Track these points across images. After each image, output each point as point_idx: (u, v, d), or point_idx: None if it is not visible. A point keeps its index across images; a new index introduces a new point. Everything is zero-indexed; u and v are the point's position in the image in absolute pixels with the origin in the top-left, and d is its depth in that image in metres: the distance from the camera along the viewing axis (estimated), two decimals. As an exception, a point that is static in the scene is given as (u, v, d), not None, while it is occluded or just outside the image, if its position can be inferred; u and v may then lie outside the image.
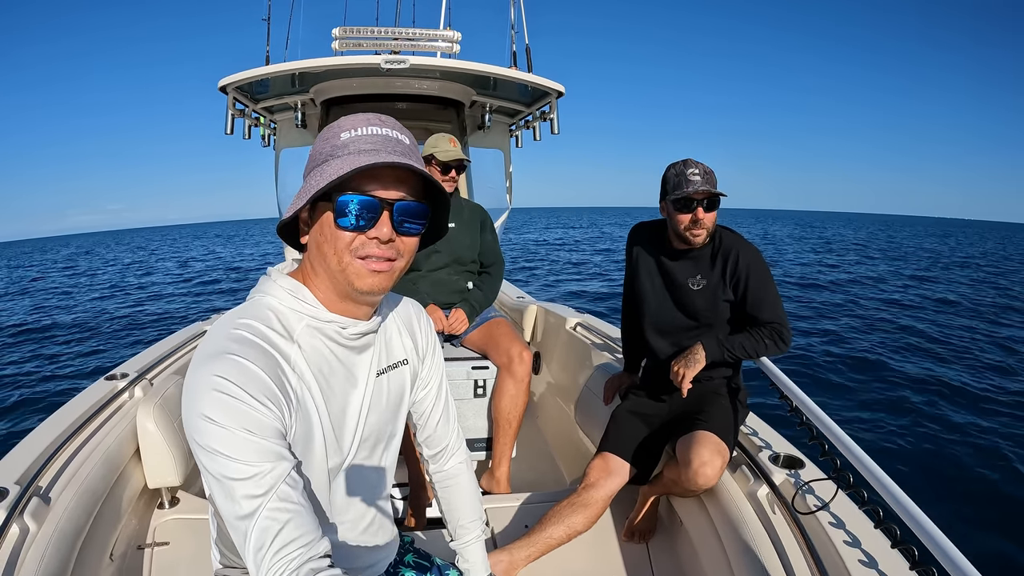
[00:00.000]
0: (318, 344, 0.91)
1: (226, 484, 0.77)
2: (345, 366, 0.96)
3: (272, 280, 0.92)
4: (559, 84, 3.04)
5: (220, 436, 0.76)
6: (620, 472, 1.92)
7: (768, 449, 1.81)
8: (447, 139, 2.46)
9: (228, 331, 0.84)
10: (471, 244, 2.62)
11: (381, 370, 1.02)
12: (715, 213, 1.86)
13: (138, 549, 1.80)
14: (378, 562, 1.12)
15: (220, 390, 0.77)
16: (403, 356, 1.08)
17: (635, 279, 2.10)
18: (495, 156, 4.04)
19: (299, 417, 0.87)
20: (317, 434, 0.91)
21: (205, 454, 0.78)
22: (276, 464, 0.79)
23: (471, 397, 2.40)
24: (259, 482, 0.77)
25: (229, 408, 0.77)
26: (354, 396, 0.97)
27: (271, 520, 0.77)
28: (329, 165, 0.84)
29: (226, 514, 0.78)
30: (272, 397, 0.81)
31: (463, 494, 1.24)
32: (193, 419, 0.78)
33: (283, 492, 0.78)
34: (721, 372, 2.00)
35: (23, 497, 1.43)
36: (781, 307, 1.92)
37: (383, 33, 2.78)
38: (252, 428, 0.78)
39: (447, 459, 1.23)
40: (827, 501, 1.49)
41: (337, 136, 0.86)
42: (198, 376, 0.79)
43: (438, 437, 1.21)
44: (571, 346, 3.14)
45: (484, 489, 2.38)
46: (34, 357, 8.61)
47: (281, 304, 0.90)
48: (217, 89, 2.93)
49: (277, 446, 0.80)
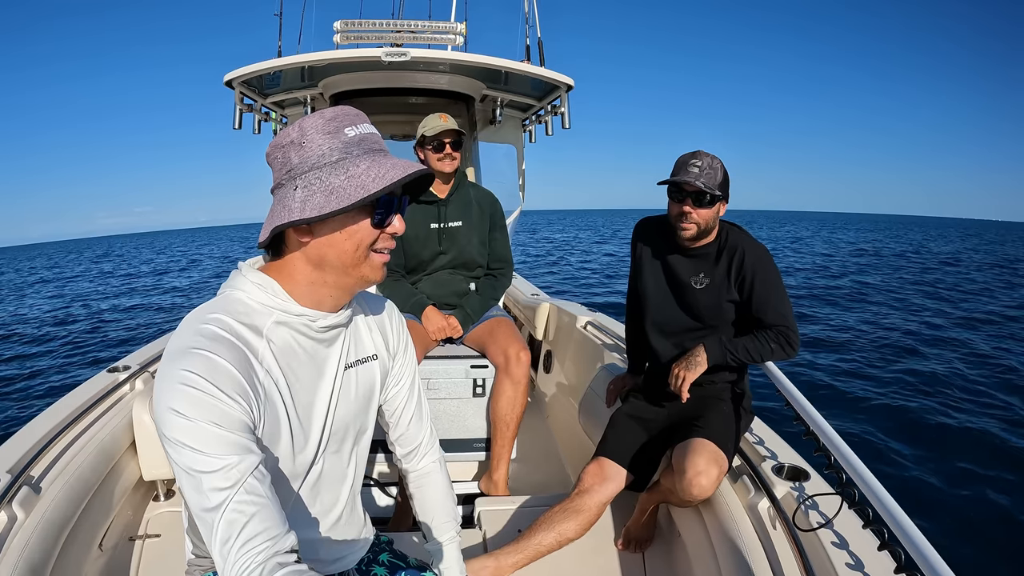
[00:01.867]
0: (287, 337, 0.93)
1: (194, 477, 0.78)
2: (313, 359, 0.97)
3: (242, 274, 0.93)
4: (568, 77, 2.98)
5: (187, 429, 0.77)
6: (616, 478, 1.85)
7: (773, 459, 1.72)
8: (437, 116, 2.37)
9: (197, 326, 0.85)
10: (480, 245, 2.52)
11: (350, 363, 1.04)
12: (711, 212, 1.78)
13: (129, 540, 1.81)
14: (345, 556, 1.13)
15: (188, 384, 0.78)
16: (372, 351, 1.09)
17: (639, 276, 2.02)
18: (507, 152, 3.99)
19: (267, 411, 0.88)
20: (284, 427, 0.92)
21: (173, 447, 0.79)
22: (243, 457, 0.80)
23: (470, 396, 2.35)
24: (226, 475, 0.78)
25: (197, 402, 0.78)
26: (322, 389, 0.99)
27: (237, 513, 0.77)
28: (356, 165, 0.84)
29: (193, 506, 0.79)
30: (240, 391, 0.82)
31: (436, 494, 1.24)
32: (162, 413, 0.79)
33: (250, 485, 0.79)
34: (724, 376, 1.92)
35: (12, 486, 1.44)
36: (789, 310, 1.83)
37: (385, 26, 2.75)
38: (219, 421, 0.79)
39: (420, 458, 1.24)
40: (830, 518, 1.41)
41: (341, 132, 0.86)
42: (167, 371, 0.80)
43: (410, 436, 1.21)
44: (581, 345, 3.08)
45: (482, 491, 2.33)
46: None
47: (250, 298, 0.91)
48: (223, 84, 2.94)
49: (244, 439, 0.81)
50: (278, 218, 0.86)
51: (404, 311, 2.42)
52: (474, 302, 2.48)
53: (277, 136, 0.89)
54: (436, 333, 2.37)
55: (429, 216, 2.46)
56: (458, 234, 2.48)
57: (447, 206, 2.46)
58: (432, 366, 2.31)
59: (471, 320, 2.46)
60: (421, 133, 2.38)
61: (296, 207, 0.84)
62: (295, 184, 0.86)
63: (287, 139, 0.87)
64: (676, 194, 1.79)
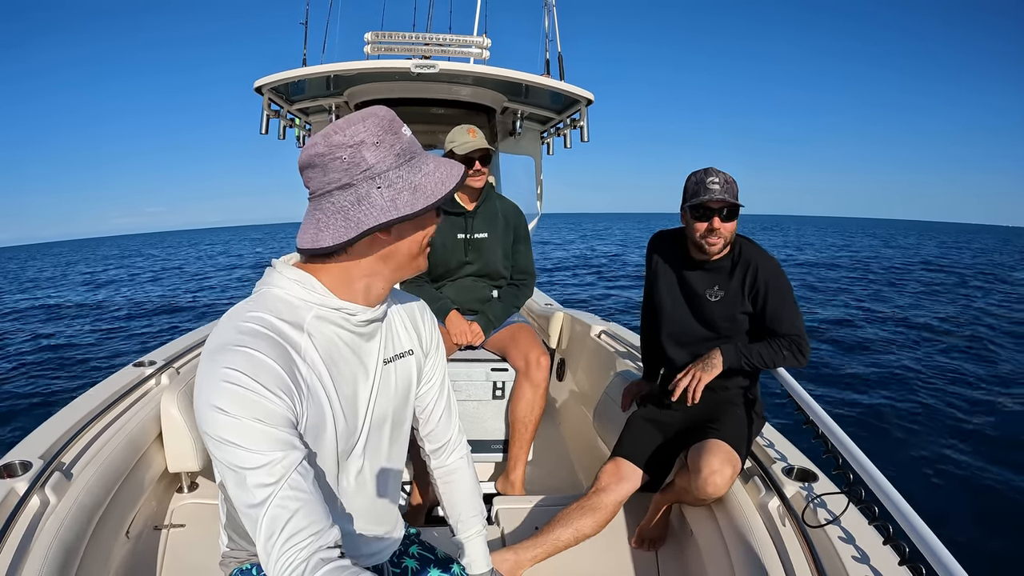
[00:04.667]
0: (327, 331, 0.94)
1: (238, 473, 0.79)
2: (354, 352, 0.98)
3: (278, 272, 0.94)
4: (588, 92, 3.07)
5: (232, 426, 0.78)
6: (631, 478, 1.92)
7: (782, 461, 1.79)
8: (466, 130, 2.41)
9: (237, 323, 0.85)
10: (504, 256, 2.58)
11: (388, 358, 1.05)
12: (734, 224, 1.85)
13: (155, 529, 1.87)
14: (383, 549, 1.16)
15: (231, 381, 0.79)
16: (408, 347, 1.11)
17: (654, 289, 2.10)
18: (526, 164, 4.08)
19: (311, 404, 0.89)
20: (329, 418, 0.93)
21: (216, 444, 0.80)
22: (288, 453, 0.80)
23: (489, 399, 2.43)
24: (270, 471, 0.79)
25: (240, 398, 0.79)
26: (363, 383, 1.00)
27: (282, 508, 0.78)
28: (424, 163, 0.89)
29: (238, 503, 0.80)
30: (283, 387, 0.83)
31: (464, 489, 1.26)
32: (204, 410, 0.80)
33: (294, 481, 0.80)
34: (737, 382, 1.99)
35: (45, 470, 1.48)
36: (800, 320, 1.89)
37: (414, 38, 2.86)
38: (263, 417, 0.79)
39: (448, 454, 1.26)
40: (837, 515, 1.47)
41: (400, 131, 0.89)
42: (209, 368, 0.81)
43: (440, 432, 1.24)
44: (595, 353, 3.14)
45: (499, 491, 2.40)
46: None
47: (288, 295, 0.92)
48: (253, 90, 3.06)
49: (288, 435, 0.82)
50: (368, 217, 0.85)
51: None
52: (496, 308, 2.54)
53: (335, 136, 0.86)
54: (458, 337, 2.44)
55: (456, 227, 2.53)
56: (484, 245, 2.54)
57: (474, 217, 2.54)
58: (453, 368, 2.38)
59: (492, 326, 2.53)
60: (450, 148, 2.43)
61: (387, 205, 0.85)
62: (376, 183, 0.86)
63: (355, 139, 0.85)
64: (703, 213, 1.82)
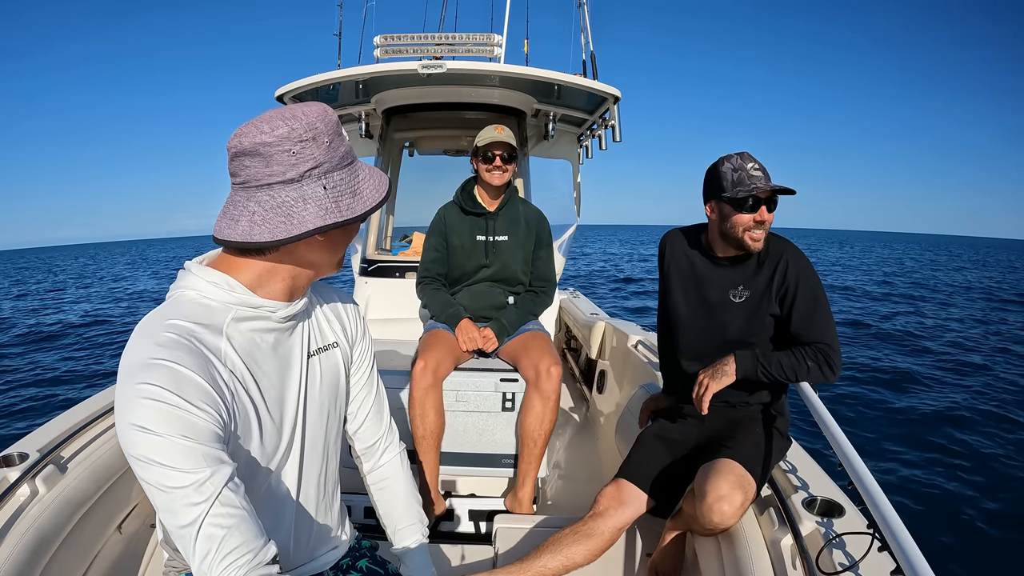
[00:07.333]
0: (248, 332, 0.91)
1: (167, 493, 0.75)
2: (277, 351, 0.96)
3: (192, 273, 0.89)
4: (614, 88, 2.91)
5: (156, 445, 0.74)
6: (634, 503, 1.73)
7: (804, 491, 1.55)
8: (493, 128, 2.39)
9: (152, 336, 0.80)
10: (524, 262, 2.49)
11: (313, 351, 1.03)
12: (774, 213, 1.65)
13: (150, 527, 1.89)
14: (319, 556, 1.11)
15: (152, 397, 0.75)
16: (333, 339, 1.09)
17: (668, 294, 1.90)
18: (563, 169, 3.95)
19: (237, 410, 0.86)
20: (255, 423, 0.90)
21: (142, 465, 0.76)
22: (216, 469, 0.77)
23: (498, 411, 2.30)
24: (200, 489, 0.75)
25: (163, 415, 0.75)
26: (290, 379, 0.98)
27: (215, 527, 0.76)
28: (361, 168, 0.90)
29: (169, 524, 0.77)
30: (208, 400, 0.79)
31: (398, 494, 1.21)
32: (126, 430, 0.75)
33: (225, 497, 0.77)
34: (759, 397, 1.76)
35: (40, 463, 1.52)
36: (833, 328, 1.65)
37: (423, 39, 2.82)
38: (189, 434, 0.76)
39: (380, 453, 1.21)
40: (856, 560, 1.23)
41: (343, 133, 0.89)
42: (127, 388, 0.76)
43: (369, 430, 1.19)
44: (630, 365, 2.97)
45: (507, 508, 2.26)
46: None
47: (204, 297, 0.87)
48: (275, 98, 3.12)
49: (216, 450, 0.79)
50: (314, 217, 0.81)
51: (440, 320, 2.43)
52: (511, 315, 2.43)
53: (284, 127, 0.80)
54: (467, 343, 2.34)
55: (476, 228, 2.46)
56: (504, 248, 2.46)
57: (495, 219, 2.46)
58: (461, 378, 2.28)
59: (507, 332, 2.41)
60: (475, 143, 2.41)
61: (331, 207, 0.82)
62: (321, 183, 0.82)
63: (306, 134, 0.81)
64: (752, 204, 1.62)
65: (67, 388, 7.59)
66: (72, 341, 10.95)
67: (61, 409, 1.93)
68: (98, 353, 9.83)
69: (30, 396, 7.28)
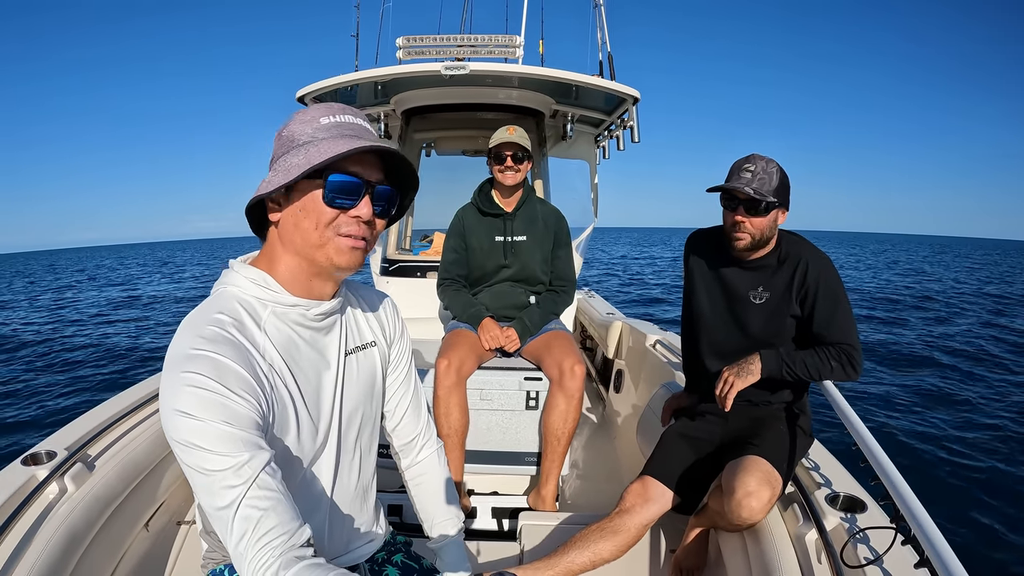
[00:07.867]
0: (285, 329, 0.94)
1: (207, 476, 0.78)
2: (314, 348, 0.98)
3: (234, 271, 0.94)
4: (633, 89, 2.93)
5: (197, 429, 0.78)
6: (660, 499, 1.76)
7: (827, 487, 1.57)
8: (506, 129, 2.42)
9: (196, 330, 0.85)
10: (543, 261, 2.53)
11: (350, 350, 1.04)
12: (764, 220, 1.66)
13: (176, 524, 1.92)
14: (357, 548, 1.13)
15: (196, 385, 0.78)
16: (371, 338, 1.10)
17: (692, 293, 1.93)
18: (580, 168, 3.97)
19: (276, 403, 0.89)
20: (293, 417, 0.93)
21: (183, 449, 0.79)
22: (255, 454, 0.80)
23: (522, 409, 2.34)
24: (238, 472, 0.78)
25: (205, 401, 0.78)
26: (326, 376, 0.99)
27: (251, 509, 0.78)
28: (316, 146, 0.86)
29: (207, 505, 0.80)
30: (248, 389, 0.83)
31: (436, 489, 1.22)
32: (170, 416, 0.79)
33: (262, 481, 0.79)
34: (782, 396, 1.78)
35: (68, 460, 1.54)
36: (854, 328, 1.67)
37: (445, 40, 2.85)
38: (229, 419, 0.79)
39: (418, 450, 1.23)
40: (880, 554, 1.26)
41: (317, 120, 0.89)
42: (172, 377, 0.80)
43: (408, 426, 1.21)
44: (649, 364, 2.99)
45: (530, 505, 2.30)
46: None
47: (245, 293, 0.92)
48: (295, 99, 3.17)
49: (255, 436, 0.81)
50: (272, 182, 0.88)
51: (462, 320, 2.47)
52: (533, 314, 2.47)
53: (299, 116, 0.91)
54: (489, 342, 2.38)
55: (494, 229, 2.50)
56: (523, 248, 2.49)
57: (513, 220, 2.50)
58: (485, 377, 2.32)
59: (529, 332, 2.45)
60: (488, 145, 2.46)
61: (263, 188, 0.88)
62: (272, 169, 0.89)
63: (276, 134, 0.91)
64: (729, 202, 1.69)
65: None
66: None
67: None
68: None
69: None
